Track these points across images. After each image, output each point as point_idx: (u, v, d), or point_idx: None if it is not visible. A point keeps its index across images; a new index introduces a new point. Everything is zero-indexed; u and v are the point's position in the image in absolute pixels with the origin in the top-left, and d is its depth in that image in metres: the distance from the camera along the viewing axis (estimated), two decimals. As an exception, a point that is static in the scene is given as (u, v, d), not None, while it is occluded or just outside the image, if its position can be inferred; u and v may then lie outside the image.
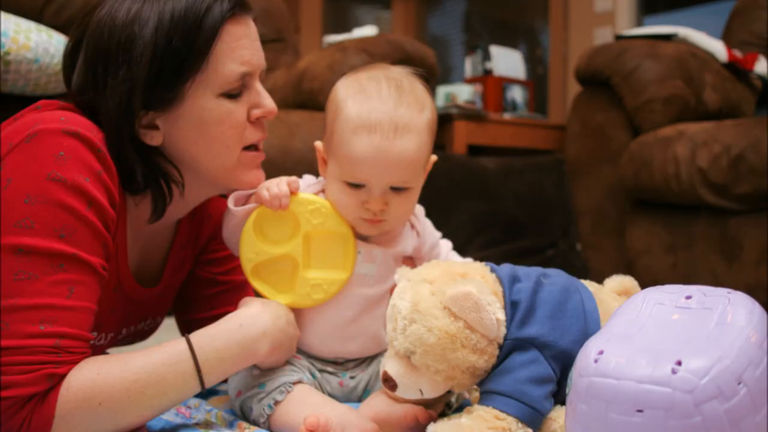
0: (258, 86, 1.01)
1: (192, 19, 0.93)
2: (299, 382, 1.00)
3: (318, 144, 1.09)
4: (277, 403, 0.97)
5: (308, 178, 1.12)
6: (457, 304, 0.86)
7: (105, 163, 0.89)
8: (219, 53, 0.95)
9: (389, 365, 0.91)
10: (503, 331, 0.89)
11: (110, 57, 0.92)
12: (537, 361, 0.88)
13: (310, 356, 1.08)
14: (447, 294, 0.87)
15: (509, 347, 0.89)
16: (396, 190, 1.02)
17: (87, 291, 0.86)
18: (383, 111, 1.00)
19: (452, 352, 0.86)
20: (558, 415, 0.88)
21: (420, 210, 1.15)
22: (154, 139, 0.96)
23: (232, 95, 0.97)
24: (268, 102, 1.02)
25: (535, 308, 0.91)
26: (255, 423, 0.99)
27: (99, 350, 1.05)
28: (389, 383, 0.90)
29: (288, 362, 1.03)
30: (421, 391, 0.91)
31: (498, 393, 0.88)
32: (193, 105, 0.95)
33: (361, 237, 1.07)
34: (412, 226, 1.12)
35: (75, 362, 0.84)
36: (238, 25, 0.98)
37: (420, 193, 1.07)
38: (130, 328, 1.11)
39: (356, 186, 1.02)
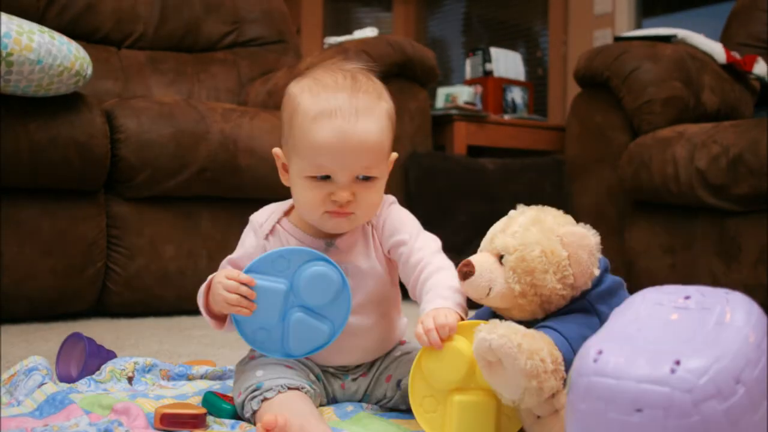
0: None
1: None
2: (299, 388, 0.98)
3: (276, 150, 1.07)
4: (265, 400, 0.95)
5: (268, 209, 1.10)
6: (573, 238, 0.92)
7: None
8: None
9: (474, 257, 0.96)
10: (588, 286, 0.94)
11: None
12: (595, 330, 0.87)
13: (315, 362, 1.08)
14: (568, 227, 0.94)
15: (579, 306, 0.95)
16: (362, 180, 0.99)
17: None
18: (341, 97, 0.98)
19: (542, 273, 0.92)
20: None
21: (386, 204, 1.10)
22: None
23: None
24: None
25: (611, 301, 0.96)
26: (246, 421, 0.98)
27: None
28: (468, 267, 0.94)
29: (291, 366, 1.02)
30: (489, 289, 0.93)
31: (558, 332, 0.90)
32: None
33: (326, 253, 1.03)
34: (373, 228, 1.08)
35: None
36: None
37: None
38: None
39: (321, 179, 0.99)
